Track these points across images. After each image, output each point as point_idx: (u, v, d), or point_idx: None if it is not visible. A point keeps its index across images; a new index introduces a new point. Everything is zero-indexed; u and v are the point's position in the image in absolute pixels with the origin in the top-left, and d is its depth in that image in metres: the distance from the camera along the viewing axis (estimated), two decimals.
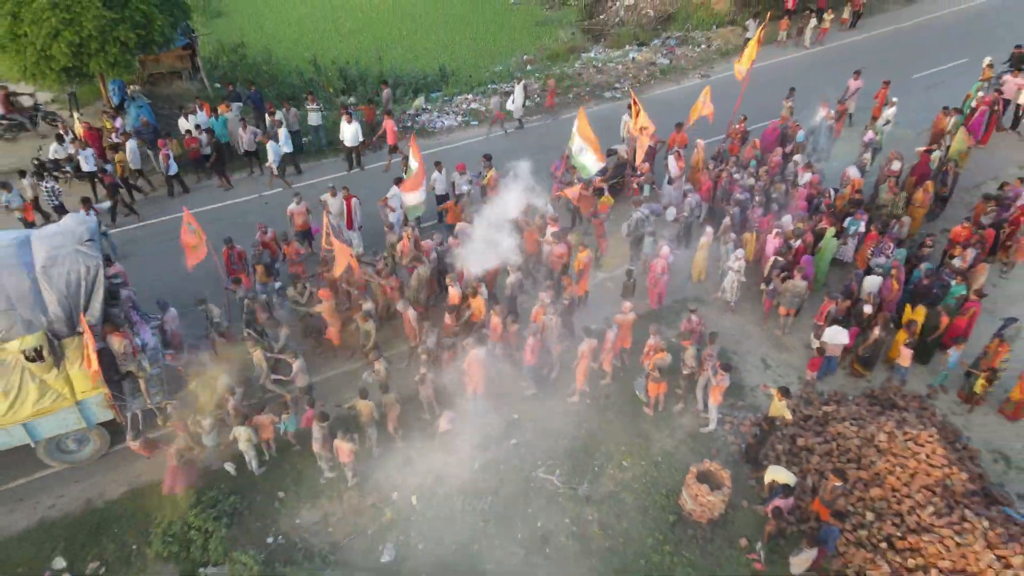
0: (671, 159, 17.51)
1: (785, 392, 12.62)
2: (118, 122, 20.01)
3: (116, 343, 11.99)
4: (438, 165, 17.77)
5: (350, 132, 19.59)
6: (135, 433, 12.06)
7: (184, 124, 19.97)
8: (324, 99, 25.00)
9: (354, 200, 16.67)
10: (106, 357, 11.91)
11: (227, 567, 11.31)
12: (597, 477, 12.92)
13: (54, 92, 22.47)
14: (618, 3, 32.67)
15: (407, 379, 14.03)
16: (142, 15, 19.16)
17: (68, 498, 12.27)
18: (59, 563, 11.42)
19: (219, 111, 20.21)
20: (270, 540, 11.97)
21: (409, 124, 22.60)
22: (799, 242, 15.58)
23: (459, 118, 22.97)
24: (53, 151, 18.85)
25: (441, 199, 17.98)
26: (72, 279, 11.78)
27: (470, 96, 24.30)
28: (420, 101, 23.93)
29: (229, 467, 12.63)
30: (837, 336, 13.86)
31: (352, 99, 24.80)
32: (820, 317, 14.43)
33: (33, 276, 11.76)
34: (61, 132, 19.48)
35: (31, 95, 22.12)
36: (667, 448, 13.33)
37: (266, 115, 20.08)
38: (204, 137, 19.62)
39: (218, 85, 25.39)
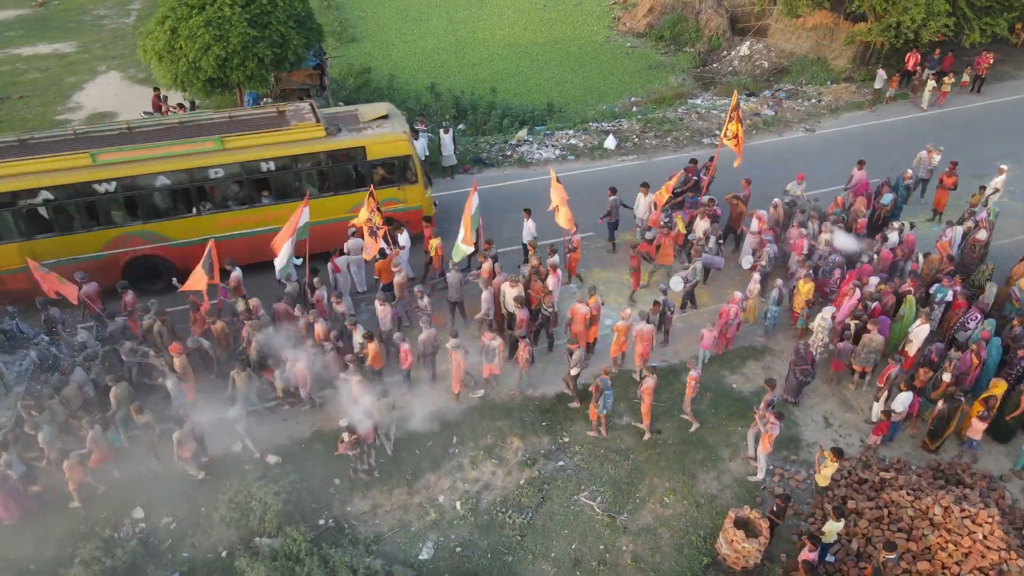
0: (753, 220, 17.61)
1: (839, 453, 12.45)
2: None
3: None
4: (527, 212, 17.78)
5: (418, 148, 20.96)
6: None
7: None
8: (439, 124, 26.60)
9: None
10: None
11: (279, 539, 12.28)
12: (638, 509, 13.14)
13: (198, 99, 24.89)
14: (733, 52, 32.86)
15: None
16: (280, 35, 21.23)
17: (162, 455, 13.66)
18: (138, 513, 12.76)
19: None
20: (321, 522, 12.91)
21: (508, 153, 23.65)
22: (876, 303, 15.30)
23: (557, 151, 23.82)
24: None
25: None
26: None
27: (571, 132, 25.12)
28: (523, 133, 25.00)
29: (272, 458, 13.74)
30: (906, 401, 13.53)
31: (461, 125, 26.22)
32: (882, 379, 14.12)
33: None
34: None
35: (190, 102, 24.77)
36: (712, 491, 13.38)
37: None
38: None
39: (341, 104, 27.42)
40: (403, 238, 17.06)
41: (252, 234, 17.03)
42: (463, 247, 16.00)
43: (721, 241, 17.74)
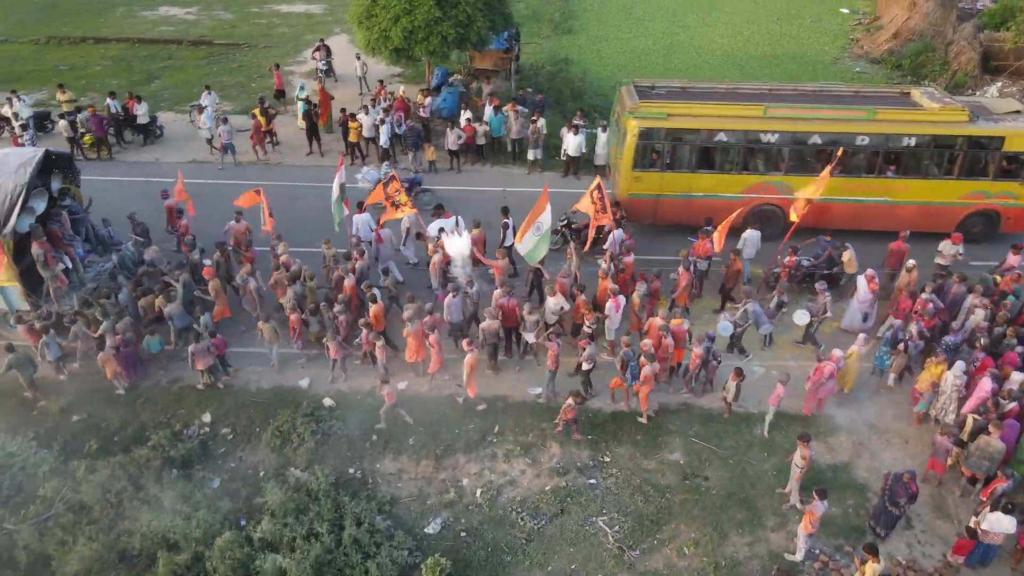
0: (861, 280, 15.44)
1: (872, 550, 10.70)
2: (428, 100, 23.39)
3: (33, 249, 14.42)
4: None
5: (574, 143, 20.68)
6: (42, 326, 14.42)
7: (464, 114, 22.64)
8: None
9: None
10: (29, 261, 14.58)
11: (307, 475, 13.18)
12: (652, 550, 12.31)
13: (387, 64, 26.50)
14: (979, 92, 28.71)
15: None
16: (466, 16, 22.16)
17: (240, 374, 15.19)
18: (207, 418, 14.34)
19: (504, 109, 22.47)
20: (351, 471, 13.63)
21: None
22: (1014, 404, 12.81)
23: None
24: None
25: None
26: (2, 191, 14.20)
27: None
28: None
29: (328, 401, 14.56)
30: (1000, 523, 11.27)
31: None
32: (985, 492, 11.83)
33: None
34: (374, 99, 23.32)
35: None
36: (739, 556, 12.15)
37: (533, 118, 21.85)
38: (480, 128, 22.10)
39: (530, 89, 28.08)
40: (449, 223, 16.99)
41: (863, 202, 18.39)
42: (531, 249, 15.59)
43: (784, 308, 15.76)
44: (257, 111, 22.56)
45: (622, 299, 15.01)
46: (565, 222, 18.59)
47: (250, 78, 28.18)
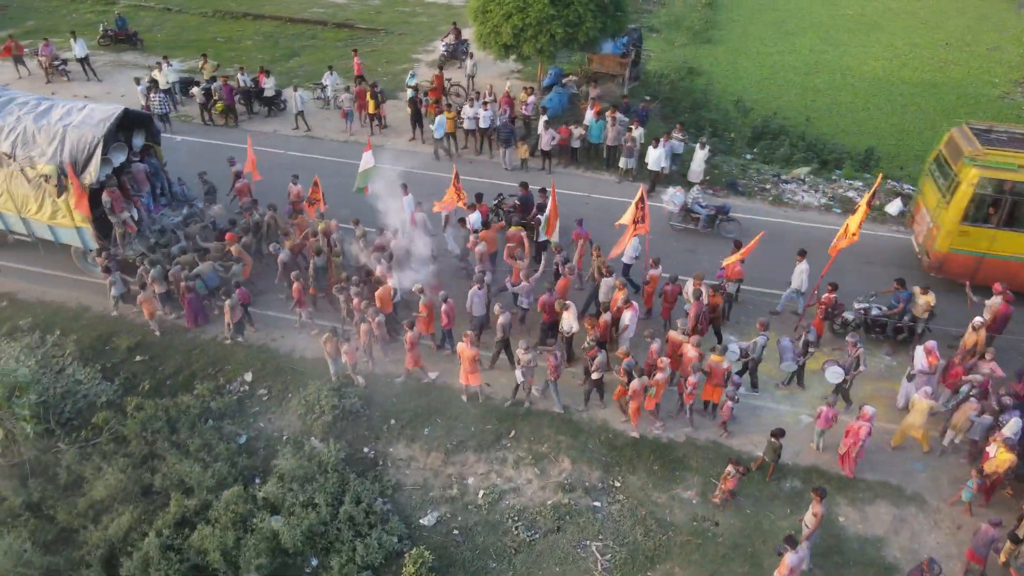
0: (919, 351, 13.68)
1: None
2: (531, 98, 23.41)
3: (103, 196, 15.65)
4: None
5: (654, 156, 19.92)
6: (106, 267, 15.68)
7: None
8: (731, 139, 25.23)
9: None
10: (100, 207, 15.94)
11: (322, 447, 13.67)
12: None
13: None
14: None
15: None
16: (576, 16, 21.92)
17: (286, 340, 15.96)
18: (248, 377, 15.20)
19: (605, 115, 22.07)
20: (366, 449, 14.00)
21: (768, 186, 21.48)
22: None
23: (824, 199, 20.94)
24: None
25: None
26: (82, 141, 15.47)
27: (859, 184, 21.80)
28: (803, 171, 22.39)
29: (359, 379, 14.91)
30: None
31: (749, 155, 24.34)
32: None
33: (60, 128, 15.69)
34: (473, 95, 23.58)
35: None
36: None
37: (632, 127, 21.30)
38: (576, 131, 21.85)
39: (647, 97, 27.42)
40: (473, 217, 17.06)
41: None
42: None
43: (811, 349, 14.41)
44: (368, 94, 23.50)
45: (637, 307, 14.67)
46: (497, 201, 18.61)
47: (378, 63, 29.36)
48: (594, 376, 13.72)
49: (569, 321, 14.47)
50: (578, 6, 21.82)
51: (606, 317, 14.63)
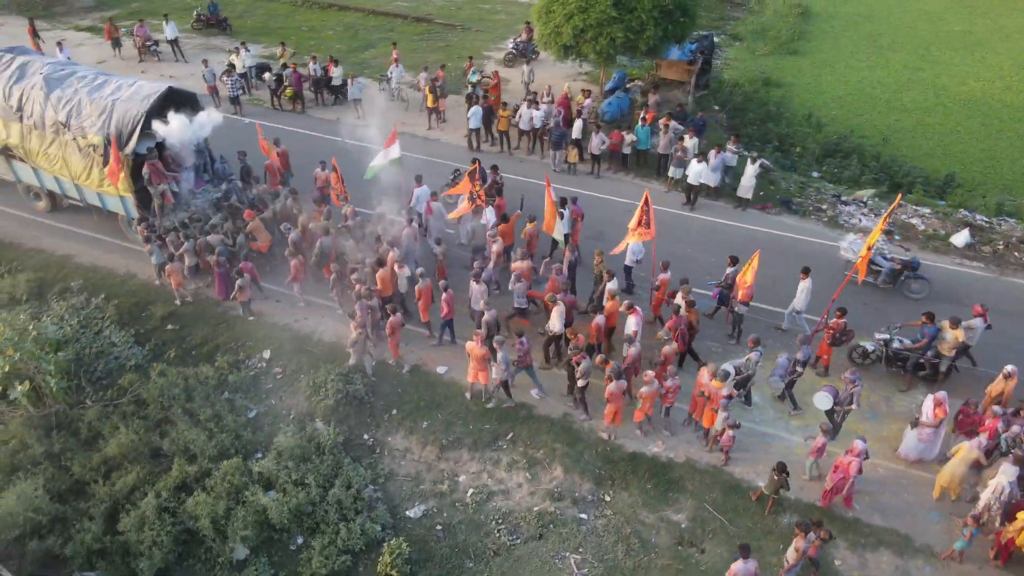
0: (928, 401, 12.65)
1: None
2: (587, 101, 23.17)
3: (144, 169, 16.63)
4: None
5: (695, 170, 19.40)
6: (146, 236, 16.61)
7: None
8: (796, 155, 24.23)
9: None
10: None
11: (324, 428, 13.96)
12: None
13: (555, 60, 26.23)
14: None
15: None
16: (639, 22, 21.53)
17: (307, 322, 16.36)
18: (267, 354, 15.70)
19: (659, 123, 21.58)
20: (365, 436, 14.22)
21: (825, 207, 20.47)
22: None
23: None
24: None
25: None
26: (126, 115, 16.36)
27: (927, 211, 20.47)
28: (866, 192, 21.22)
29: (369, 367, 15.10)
30: None
31: (816, 172, 23.24)
32: None
33: (109, 101, 16.55)
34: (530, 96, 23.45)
35: None
36: None
37: (686, 136, 20.74)
38: (628, 137, 21.47)
39: (715, 107, 26.67)
40: (488, 213, 17.12)
41: None
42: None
43: (800, 368, 13.66)
44: (428, 88, 23.83)
45: (641, 312, 14.40)
46: (453, 176, 19.42)
47: (450, 57, 29.70)
48: (580, 383, 13.44)
49: (555, 320, 14.34)
50: (641, 12, 21.45)
51: (599, 320, 14.36)
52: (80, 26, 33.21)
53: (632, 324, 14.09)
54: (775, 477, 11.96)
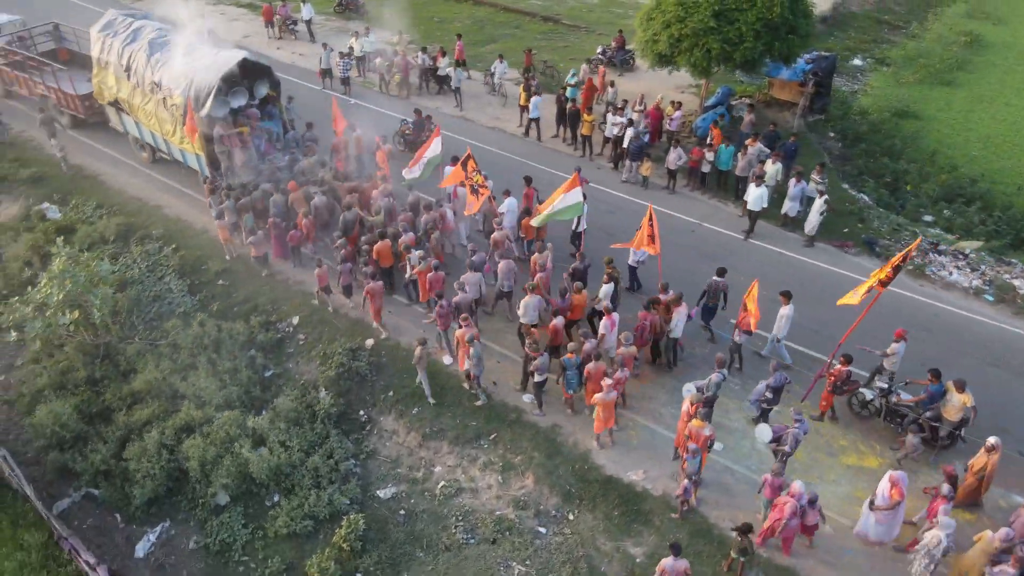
0: (884, 481, 11.08)
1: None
2: (677, 113, 22.39)
3: (215, 132, 17.94)
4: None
5: (754, 195, 18.03)
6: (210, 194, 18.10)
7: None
8: (908, 195, 22.19)
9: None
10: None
11: (324, 398, 14.54)
12: None
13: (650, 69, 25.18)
14: None
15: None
16: (738, 34, 20.48)
17: (339, 297, 16.96)
18: (295, 320, 16.51)
19: (745, 143, 20.47)
20: (361, 412, 14.67)
21: (916, 255, 18.54)
22: None
23: (977, 281, 17.60)
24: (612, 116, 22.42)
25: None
26: (203, 81, 17.65)
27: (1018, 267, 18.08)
28: (970, 245, 18.98)
29: (369, 342, 15.53)
30: None
31: (930, 216, 21.10)
32: None
33: (192, 66, 18.19)
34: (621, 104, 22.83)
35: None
36: None
37: (769, 161, 19.53)
38: (708, 155, 20.53)
39: (832, 133, 24.90)
40: (508, 202, 17.09)
41: None
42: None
43: (771, 396, 12.89)
44: (521, 87, 23.97)
45: (616, 316, 14.01)
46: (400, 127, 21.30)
47: (563, 58, 29.64)
48: (536, 379, 13.35)
49: (525, 307, 14.30)
50: (742, 24, 20.38)
51: (557, 322, 14.06)
52: (240, 2, 36.25)
53: (601, 328, 13.98)
54: (737, 539, 11.11)
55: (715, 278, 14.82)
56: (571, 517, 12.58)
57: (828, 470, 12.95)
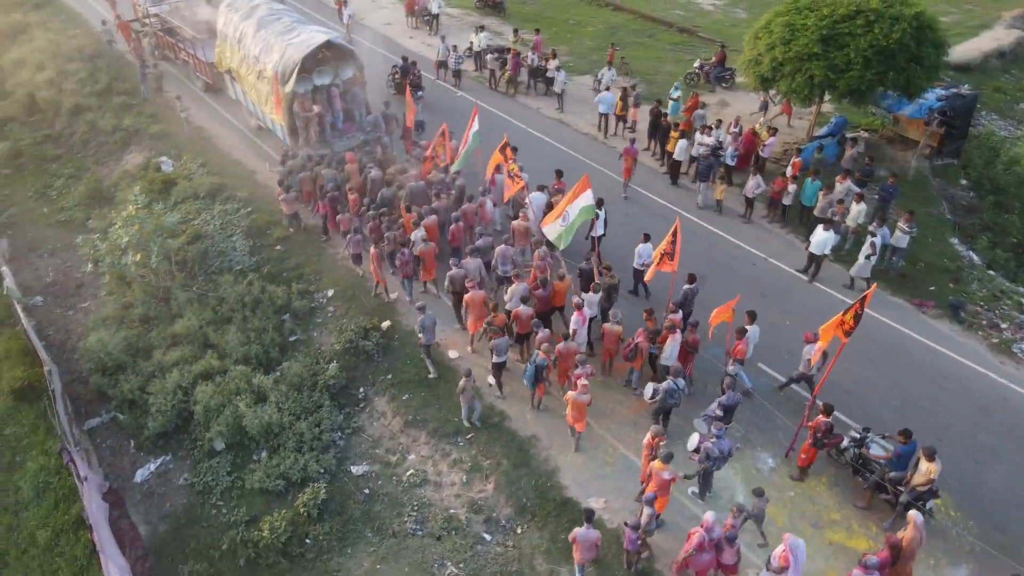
0: (779, 547, 9.85)
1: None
2: (772, 139, 21.04)
3: (294, 107, 19.44)
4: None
5: (819, 239, 16.70)
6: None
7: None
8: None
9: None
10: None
11: (333, 370, 15.16)
12: None
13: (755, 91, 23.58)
14: None
15: None
16: (844, 61, 18.90)
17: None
18: (330, 292, 17.32)
19: (836, 180, 18.88)
20: (360, 389, 15.18)
21: (1005, 325, 16.26)
22: None
23: None
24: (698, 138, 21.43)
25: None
26: (289, 58, 18.82)
27: None
28: None
29: (385, 324, 16.00)
30: None
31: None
32: None
33: (284, 44, 19.26)
34: (712, 124, 21.67)
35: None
36: None
37: (856, 202, 17.89)
38: (791, 187, 19.14)
39: (965, 181, 22.42)
40: (536, 196, 17.03)
41: None
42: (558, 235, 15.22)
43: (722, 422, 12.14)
44: (619, 96, 23.50)
45: (587, 312, 13.96)
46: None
47: (684, 70, 28.70)
48: (494, 359, 13.84)
49: (511, 293, 14.58)
50: (851, 50, 18.79)
51: (522, 309, 14.10)
52: None
53: (573, 323, 13.80)
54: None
55: (687, 285, 14.62)
56: (519, 531, 12.35)
57: (807, 542, 11.75)
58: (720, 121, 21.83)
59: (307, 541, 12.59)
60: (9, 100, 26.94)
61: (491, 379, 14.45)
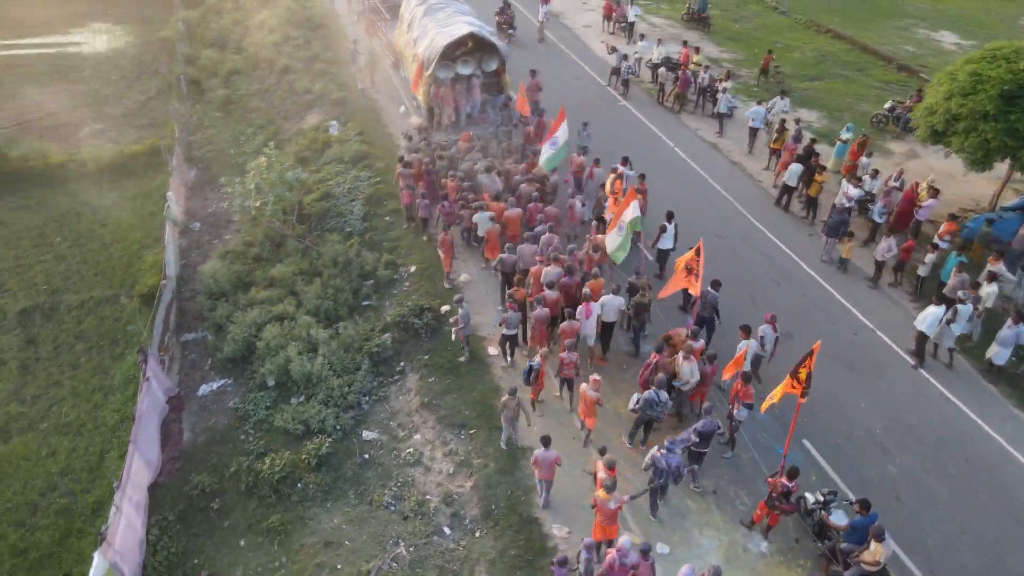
0: None
1: None
2: (930, 202, 18.45)
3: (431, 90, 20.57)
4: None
5: (929, 314, 14.65)
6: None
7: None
8: None
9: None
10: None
11: (385, 340, 16.02)
12: None
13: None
14: None
15: None
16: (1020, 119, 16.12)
17: (458, 260, 18.14)
18: (412, 268, 18.15)
19: (988, 260, 16.23)
20: (400, 363, 15.88)
21: None
22: None
23: None
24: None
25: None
26: (436, 45, 20.23)
27: None
28: None
29: (444, 308, 16.42)
30: None
31: None
32: None
33: (435, 32, 20.65)
34: (869, 174, 19.37)
35: None
36: None
37: (988, 281, 15.30)
38: (929, 258, 16.71)
39: None
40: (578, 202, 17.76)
41: None
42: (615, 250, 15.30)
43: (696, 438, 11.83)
44: (777, 127, 21.88)
45: (594, 307, 13.96)
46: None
47: (876, 106, 25.87)
48: (504, 332, 14.61)
49: (546, 274, 14.98)
50: None
51: (550, 294, 14.40)
52: None
53: (579, 312, 14.00)
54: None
55: (709, 289, 14.18)
56: (477, 535, 12.35)
57: None
58: (877, 171, 19.58)
59: (298, 485, 13.54)
60: (243, 55, 31.09)
61: (493, 349, 15.27)
